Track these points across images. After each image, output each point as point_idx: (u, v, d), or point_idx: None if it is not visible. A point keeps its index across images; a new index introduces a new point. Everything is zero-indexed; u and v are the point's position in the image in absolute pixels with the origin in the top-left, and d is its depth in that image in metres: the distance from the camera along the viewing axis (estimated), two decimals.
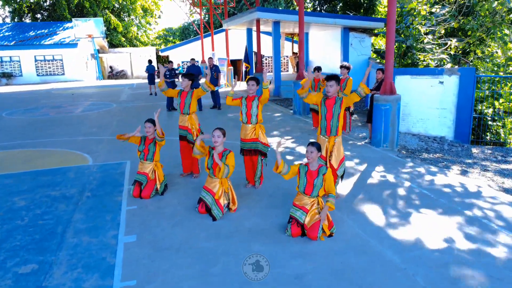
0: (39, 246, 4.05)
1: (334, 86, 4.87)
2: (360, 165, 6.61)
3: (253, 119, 5.34)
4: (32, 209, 5.03)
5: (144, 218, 4.66)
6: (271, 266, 3.58)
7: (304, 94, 5.17)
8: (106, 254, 3.87)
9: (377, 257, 3.72)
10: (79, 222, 4.62)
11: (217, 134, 4.67)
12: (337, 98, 4.95)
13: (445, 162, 6.94)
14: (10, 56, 29.53)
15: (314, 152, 4.12)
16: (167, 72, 12.79)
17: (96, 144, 8.47)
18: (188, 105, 5.98)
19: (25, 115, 13.13)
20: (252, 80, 5.32)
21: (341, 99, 4.92)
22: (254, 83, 5.31)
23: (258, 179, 5.58)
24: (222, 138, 4.67)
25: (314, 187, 4.16)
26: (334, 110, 4.89)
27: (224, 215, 4.67)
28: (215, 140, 4.65)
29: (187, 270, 3.56)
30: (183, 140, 6.11)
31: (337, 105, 4.89)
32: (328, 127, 4.93)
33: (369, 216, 4.59)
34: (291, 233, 4.09)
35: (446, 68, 8.86)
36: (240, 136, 5.54)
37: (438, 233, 4.14)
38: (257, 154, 5.45)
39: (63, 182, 6.04)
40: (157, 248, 3.95)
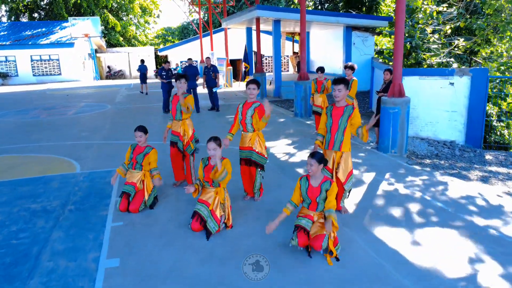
0: (8, 273, 3.55)
1: (343, 91, 4.35)
2: (368, 173, 6.12)
3: (249, 127, 4.84)
4: (8, 225, 4.54)
5: (129, 238, 4.17)
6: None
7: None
8: (84, 283, 3.37)
9: (393, 286, 3.23)
10: (58, 241, 4.12)
11: (212, 147, 4.09)
12: (346, 108, 4.40)
13: (458, 170, 6.45)
14: (5, 56, 29.01)
15: (314, 165, 3.66)
16: (163, 73, 12.30)
17: (85, 150, 7.97)
18: (179, 110, 5.48)
19: (15, 117, 12.63)
20: (252, 83, 4.80)
21: (351, 110, 4.35)
22: (255, 86, 4.80)
23: (257, 191, 5.08)
24: (218, 151, 4.13)
25: (318, 204, 3.74)
26: (340, 123, 4.38)
27: (219, 233, 4.18)
28: (211, 154, 4.14)
29: None
30: (173, 146, 5.62)
31: (344, 117, 4.35)
32: (331, 141, 4.42)
33: (381, 236, 4.10)
34: (297, 242, 3.61)
35: (457, 68, 8.37)
36: (239, 143, 5.04)
37: (460, 257, 3.65)
38: (254, 165, 4.93)
39: (45, 193, 5.54)
40: (142, 276, 3.45)
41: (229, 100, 15.28)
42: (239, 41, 29.06)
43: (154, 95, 17.56)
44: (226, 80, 21.11)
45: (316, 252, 3.71)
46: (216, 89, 12.54)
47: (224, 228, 4.28)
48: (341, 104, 4.43)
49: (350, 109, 4.38)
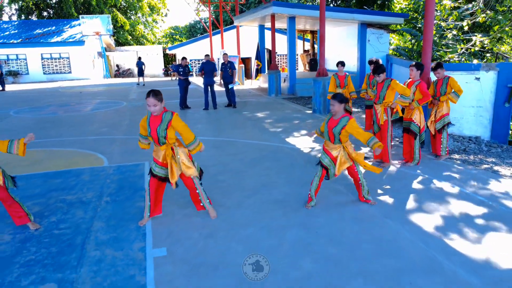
0: (57, 261, 3.54)
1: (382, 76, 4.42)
2: (401, 167, 6.06)
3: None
4: (47, 216, 4.53)
5: (171, 228, 4.14)
6: (326, 287, 3.06)
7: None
8: (135, 271, 3.35)
9: (451, 277, 3.17)
10: (100, 231, 4.10)
11: (152, 103, 3.90)
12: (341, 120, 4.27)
13: (490, 165, 6.38)
14: (16, 54, 29.16)
15: (335, 104, 4.21)
16: (180, 69, 12.29)
17: (109, 144, 7.97)
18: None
19: (31, 114, 12.66)
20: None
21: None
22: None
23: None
24: (160, 106, 3.95)
25: (334, 135, 4.28)
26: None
27: (263, 226, 4.14)
28: (153, 110, 3.93)
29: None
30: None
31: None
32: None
33: (426, 228, 4.04)
34: (320, 175, 4.44)
35: (484, 63, 8.28)
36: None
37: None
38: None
39: (77, 185, 5.53)
40: (192, 265, 3.42)
41: (244, 98, 15.26)
42: (248, 39, 29.03)
43: (166, 92, 17.55)
44: (238, 78, 21.09)
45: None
46: (232, 85, 12.51)
47: (267, 223, 4.23)
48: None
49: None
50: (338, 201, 4.75)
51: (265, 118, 10.71)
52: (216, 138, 8.32)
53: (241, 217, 4.36)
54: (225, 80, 12.45)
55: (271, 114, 11.34)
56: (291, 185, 5.30)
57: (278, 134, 8.61)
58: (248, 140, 8.10)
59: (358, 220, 4.23)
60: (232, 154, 6.99)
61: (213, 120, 10.62)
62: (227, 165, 6.37)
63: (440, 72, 6.36)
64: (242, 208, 4.61)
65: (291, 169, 6.04)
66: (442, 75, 6.38)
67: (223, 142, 8.00)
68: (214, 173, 5.93)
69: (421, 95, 5.97)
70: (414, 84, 6.09)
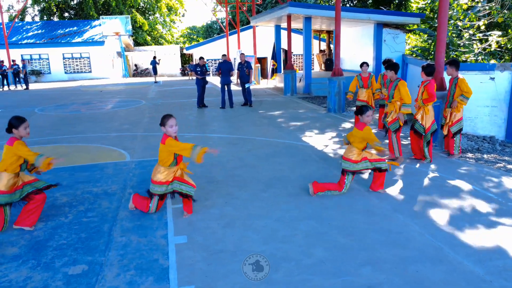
0: (87, 245, 3.84)
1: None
2: (412, 164, 6.21)
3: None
4: (75, 205, 4.85)
5: (191, 218, 4.40)
6: (338, 274, 3.26)
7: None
8: (158, 256, 3.62)
9: (455, 266, 3.34)
10: (125, 220, 4.40)
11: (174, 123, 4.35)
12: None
13: (503, 163, 6.45)
14: (39, 54, 30.09)
15: (369, 115, 4.81)
16: (198, 68, 12.60)
17: (130, 141, 8.32)
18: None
19: (56, 111, 13.17)
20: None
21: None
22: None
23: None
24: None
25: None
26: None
27: (277, 218, 4.36)
28: (175, 131, 4.34)
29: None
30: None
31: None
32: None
33: (435, 221, 4.20)
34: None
35: (498, 63, 8.31)
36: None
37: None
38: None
39: (102, 178, 5.86)
40: (212, 251, 3.67)
41: (260, 97, 15.49)
42: (264, 39, 29.26)
43: (183, 91, 17.91)
44: (254, 77, 21.34)
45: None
46: (248, 84, 12.77)
47: (280, 213, 4.46)
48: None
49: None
50: (350, 194, 4.94)
51: (280, 116, 10.93)
52: (233, 136, 8.59)
53: (257, 209, 4.60)
54: (242, 79, 12.72)
55: (286, 112, 11.55)
56: (305, 180, 5.50)
57: (293, 132, 8.82)
58: (263, 137, 8.34)
59: (369, 213, 4.41)
60: (247, 150, 7.24)
61: (230, 118, 10.90)
62: (243, 160, 6.62)
63: (450, 70, 6.39)
64: (258, 201, 4.85)
65: (304, 165, 6.25)
66: (454, 74, 6.42)
67: (239, 139, 8.25)
68: (230, 167, 6.19)
69: (427, 95, 6.04)
70: (424, 84, 6.15)
